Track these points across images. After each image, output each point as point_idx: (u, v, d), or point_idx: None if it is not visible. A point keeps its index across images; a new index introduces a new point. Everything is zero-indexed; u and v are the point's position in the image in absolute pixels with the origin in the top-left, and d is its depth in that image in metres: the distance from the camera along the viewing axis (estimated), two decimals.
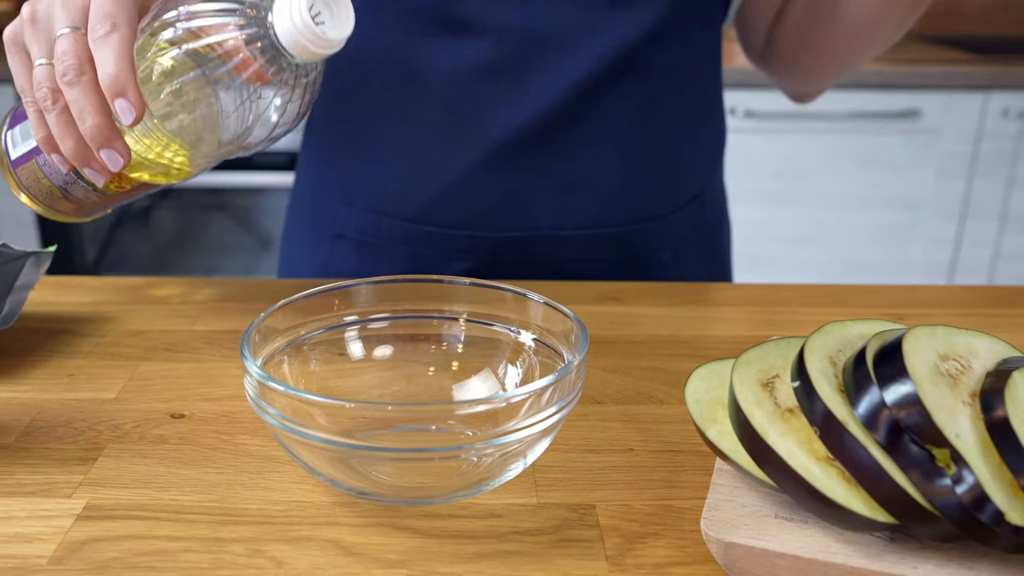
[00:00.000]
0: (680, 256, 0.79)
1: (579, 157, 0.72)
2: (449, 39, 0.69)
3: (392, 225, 0.74)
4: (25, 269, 0.58)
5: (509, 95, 0.69)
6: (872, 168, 1.96)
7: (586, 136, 0.71)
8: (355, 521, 0.42)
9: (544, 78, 0.69)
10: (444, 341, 0.52)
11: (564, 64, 0.69)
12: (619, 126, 0.72)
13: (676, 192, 0.76)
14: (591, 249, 0.74)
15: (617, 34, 0.69)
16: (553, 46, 0.68)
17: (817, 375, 0.38)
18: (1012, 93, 1.91)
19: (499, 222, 0.73)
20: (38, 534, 0.41)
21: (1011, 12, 2.37)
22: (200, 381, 0.55)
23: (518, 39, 0.68)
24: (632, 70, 0.70)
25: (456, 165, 0.71)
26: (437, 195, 0.72)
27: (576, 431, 0.50)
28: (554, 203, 0.72)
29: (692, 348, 0.60)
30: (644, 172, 0.74)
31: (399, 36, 0.70)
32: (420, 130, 0.71)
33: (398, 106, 0.72)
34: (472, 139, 0.71)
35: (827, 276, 2.04)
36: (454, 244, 0.73)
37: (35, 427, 0.50)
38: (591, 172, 0.72)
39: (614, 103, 0.71)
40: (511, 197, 0.72)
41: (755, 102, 1.88)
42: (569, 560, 0.40)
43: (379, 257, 0.76)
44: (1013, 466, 0.33)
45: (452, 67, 0.69)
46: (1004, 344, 0.40)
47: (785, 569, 0.36)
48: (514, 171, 0.71)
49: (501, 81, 0.69)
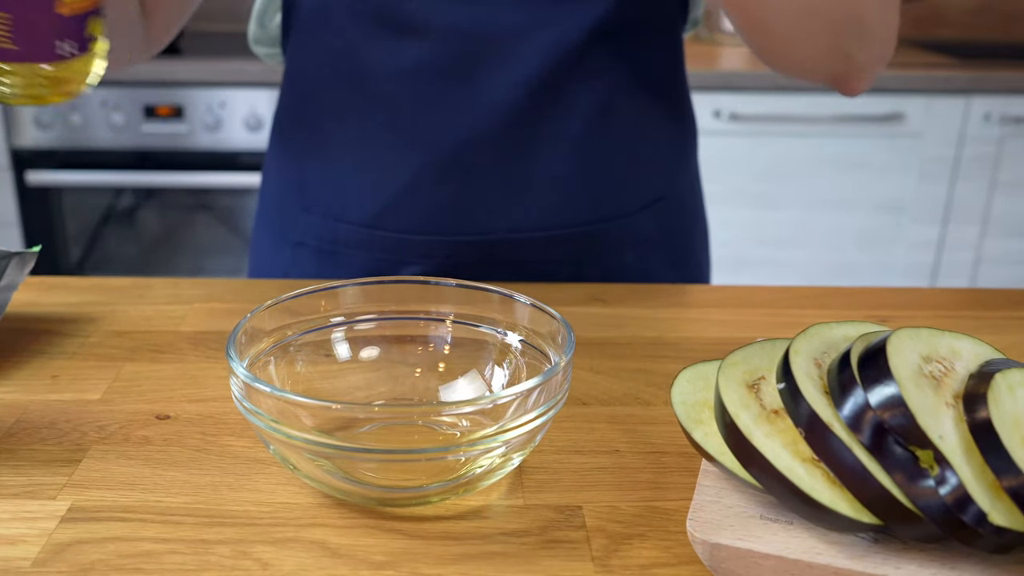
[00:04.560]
0: (645, 258, 0.78)
1: (532, 158, 0.71)
2: (394, 40, 0.69)
3: (349, 231, 0.74)
4: (9, 269, 0.58)
5: (456, 96, 0.69)
6: (855, 171, 1.97)
7: (538, 137, 0.71)
8: (341, 522, 0.42)
9: (490, 78, 0.69)
10: (431, 342, 0.53)
11: (510, 64, 0.69)
12: (571, 126, 0.71)
13: (634, 193, 0.76)
14: (549, 250, 0.74)
15: (561, 31, 0.69)
16: (498, 45, 0.68)
17: (802, 377, 0.38)
18: (994, 97, 1.93)
19: (455, 225, 0.72)
20: (22, 536, 0.41)
21: (992, 17, 2.39)
22: (185, 382, 0.55)
23: (461, 38, 0.68)
24: (581, 70, 0.70)
25: (408, 168, 0.71)
26: (391, 199, 0.72)
27: (562, 432, 0.50)
28: (509, 205, 0.72)
29: (678, 350, 0.61)
30: (599, 172, 0.74)
31: (349, 38, 0.70)
32: (371, 134, 0.71)
33: (350, 110, 0.71)
34: (422, 141, 0.70)
35: (810, 278, 2.05)
36: (410, 248, 0.73)
37: (19, 428, 0.50)
38: (545, 173, 0.72)
39: (565, 103, 0.71)
40: (466, 199, 0.72)
41: (740, 105, 1.89)
42: (555, 561, 0.40)
43: (338, 263, 0.75)
44: (996, 467, 0.34)
45: (397, 68, 0.69)
46: (986, 346, 0.40)
47: (770, 570, 0.36)
48: (467, 173, 0.71)
49: (447, 81, 0.69)
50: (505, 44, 0.68)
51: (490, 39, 0.68)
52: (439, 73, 0.69)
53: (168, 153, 1.88)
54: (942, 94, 1.92)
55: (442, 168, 0.71)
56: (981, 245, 2.05)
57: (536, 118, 0.70)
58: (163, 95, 1.84)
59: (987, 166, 1.99)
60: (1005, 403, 0.35)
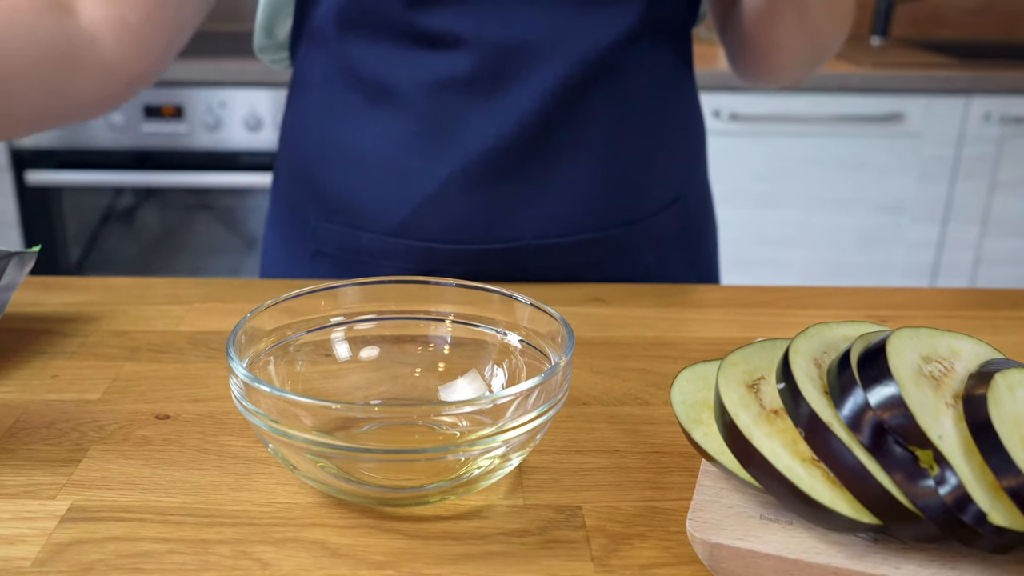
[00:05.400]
0: (665, 259, 0.79)
1: (557, 164, 0.72)
2: (422, 53, 0.69)
3: (373, 240, 0.74)
4: (8, 269, 0.58)
5: (485, 105, 0.70)
6: (855, 171, 1.97)
7: (563, 143, 0.71)
8: (341, 522, 0.42)
9: (519, 87, 0.69)
10: (430, 342, 0.52)
11: (538, 72, 0.69)
12: (595, 131, 0.72)
13: (655, 194, 0.77)
14: (575, 255, 0.74)
15: (591, 40, 0.69)
16: (527, 55, 0.69)
17: (802, 377, 0.38)
18: (993, 97, 1.93)
19: (481, 233, 0.72)
20: (21, 536, 0.41)
21: (992, 17, 2.39)
22: (185, 382, 0.55)
23: (492, 49, 0.68)
24: (606, 75, 0.70)
25: (435, 177, 0.71)
26: (417, 208, 0.72)
27: (562, 432, 0.50)
28: (535, 212, 0.72)
29: (678, 350, 0.61)
30: (622, 175, 0.74)
31: (372, 50, 0.70)
32: (397, 143, 0.71)
33: (373, 119, 0.72)
34: (450, 150, 0.71)
35: (810, 278, 2.05)
36: (436, 258, 0.73)
37: (18, 428, 0.50)
38: (570, 178, 0.72)
39: (589, 109, 0.71)
40: (492, 207, 0.72)
41: (740, 105, 1.89)
42: (555, 561, 0.40)
43: (359, 273, 0.75)
44: (995, 467, 0.34)
45: (425, 80, 0.69)
46: (986, 346, 0.40)
47: (770, 570, 0.36)
48: (494, 181, 0.71)
49: (476, 91, 0.69)
50: (533, 55, 0.69)
51: (518, 51, 0.69)
52: (468, 84, 0.69)
53: (168, 153, 1.88)
54: (942, 94, 1.92)
55: (469, 177, 0.71)
56: (981, 245, 2.05)
57: (561, 125, 0.71)
58: (163, 95, 1.84)
59: (987, 166, 1.99)
60: (1005, 403, 0.35)
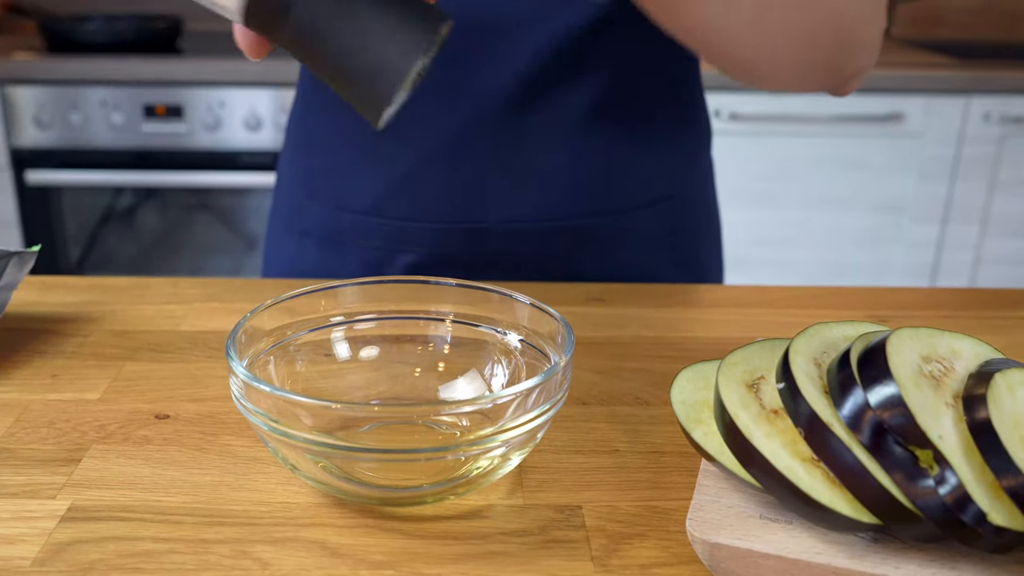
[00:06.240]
0: (648, 258, 0.78)
1: (528, 148, 0.72)
2: None
3: (353, 220, 0.75)
4: (8, 269, 0.58)
5: (449, 82, 0.70)
6: (855, 171, 1.97)
7: (535, 127, 0.71)
8: (341, 522, 0.42)
9: (485, 66, 0.69)
10: (430, 342, 0.52)
11: (506, 54, 0.69)
12: (567, 118, 0.71)
13: (636, 190, 0.76)
14: (543, 242, 0.74)
15: (560, 23, 0.69)
16: (495, 35, 0.69)
17: (802, 377, 0.38)
18: (993, 97, 1.93)
19: (448, 213, 0.73)
20: (21, 535, 0.41)
21: (992, 17, 2.39)
22: (185, 382, 0.55)
23: (458, 28, 0.68)
24: (581, 62, 0.70)
25: (406, 156, 0.72)
26: (390, 186, 0.73)
27: (562, 432, 0.50)
28: (503, 195, 0.72)
29: (678, 349, 0.61)
30: (598, 167, 0.73)
31: None
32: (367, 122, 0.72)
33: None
34: (418, 129, 0.71)
35: (810, 278, 2.05)
36: (404, 237, 0.74)
37: (18, 428, 0.50)
38: (541, 164, 0.72)
39: (561, 94, 0.71)
40: (460, 188, 0.72)
41: (739, 105, 1.89)
42: (555, 561, 0.40)
43: (338, 253, 0.76)
44: (995, 467, 0.34)
45: None
46: (986, 346, 0.40)
47: (770, 569, 0.36)
48: (462, 162, 0.71)
49: (440, 68, 0.69)
50: (501, 33, 0.69)
51: (486, 30, 0.68)
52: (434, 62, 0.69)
53: (168, 153, 1.88)
54: (942, 94, 1.92)
55: (436, 156, 0.71)
56: (981, 245, 2.05)
57: (531, 109, 0.70)
58: (163, 95, 1.84)
59: (987, 166, 1.99)
60: (1005, 403, 0.35)
